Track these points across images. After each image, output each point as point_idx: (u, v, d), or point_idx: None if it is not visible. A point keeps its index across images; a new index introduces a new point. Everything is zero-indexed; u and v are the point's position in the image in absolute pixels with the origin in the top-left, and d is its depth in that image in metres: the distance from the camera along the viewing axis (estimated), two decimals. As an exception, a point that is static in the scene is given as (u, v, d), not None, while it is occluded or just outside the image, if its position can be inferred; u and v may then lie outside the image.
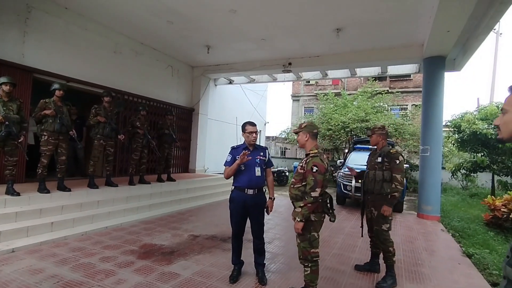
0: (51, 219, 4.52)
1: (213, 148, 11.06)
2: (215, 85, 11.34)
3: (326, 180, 2.75)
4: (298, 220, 2.65)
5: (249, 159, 3.10)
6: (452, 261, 4.36)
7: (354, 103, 15.93)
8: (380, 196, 3.46)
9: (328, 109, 15.50)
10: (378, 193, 3.50)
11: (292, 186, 2.84)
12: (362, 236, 3.84)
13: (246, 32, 7.23)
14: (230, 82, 11.64)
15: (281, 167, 16.45)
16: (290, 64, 8.91)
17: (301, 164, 2.82)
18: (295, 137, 3.04)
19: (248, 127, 3.24)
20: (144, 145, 6.66)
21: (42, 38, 6.01)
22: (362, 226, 3.73)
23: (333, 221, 2.84)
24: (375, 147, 3.73)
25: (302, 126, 2.91)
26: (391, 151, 3.51)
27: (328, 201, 2.83)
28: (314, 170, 2.65)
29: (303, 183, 2.74)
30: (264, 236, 3.39)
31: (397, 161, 3.41)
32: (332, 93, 16.99)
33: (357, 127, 13.34)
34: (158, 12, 6.41)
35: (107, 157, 5.98)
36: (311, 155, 2.78)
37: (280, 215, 6.93)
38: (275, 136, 26.11)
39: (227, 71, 9.91)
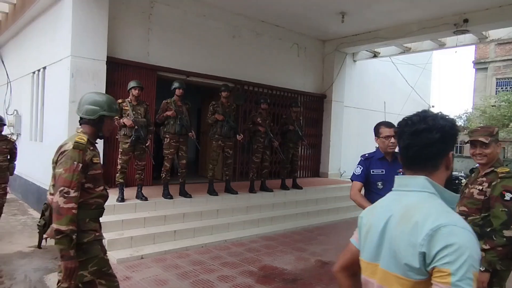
0: (174, 227, 5.65)
1: (352, 145, 10.96)
2: (354, 61, 11.14)
3: None
4: (482, 269, 2.46)
5: None
6: None
7: None
8: None
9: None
10: None
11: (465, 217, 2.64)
12: None
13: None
14: (375, 55, 11.18)
15: (455, 170, 14.67)
16: (466, 21, 7.82)
17: (479, 187, 2.61)
18: (486, 150, 2.59)
19: (383, 130, 3.15)
20: (266, 145, 7.28)
21: (163, 33, 7.41)
22: None
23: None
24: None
25: (495, 133, 2.64)
26: None
27: None
28: (508, 198, 2.44)
29: (483, 214, 2.56)
30: None
31: None
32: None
33: None
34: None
35: (225, 159, 6.89)
36: (499, 175, 2.55)
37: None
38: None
39: (370, 41, 9.57)
